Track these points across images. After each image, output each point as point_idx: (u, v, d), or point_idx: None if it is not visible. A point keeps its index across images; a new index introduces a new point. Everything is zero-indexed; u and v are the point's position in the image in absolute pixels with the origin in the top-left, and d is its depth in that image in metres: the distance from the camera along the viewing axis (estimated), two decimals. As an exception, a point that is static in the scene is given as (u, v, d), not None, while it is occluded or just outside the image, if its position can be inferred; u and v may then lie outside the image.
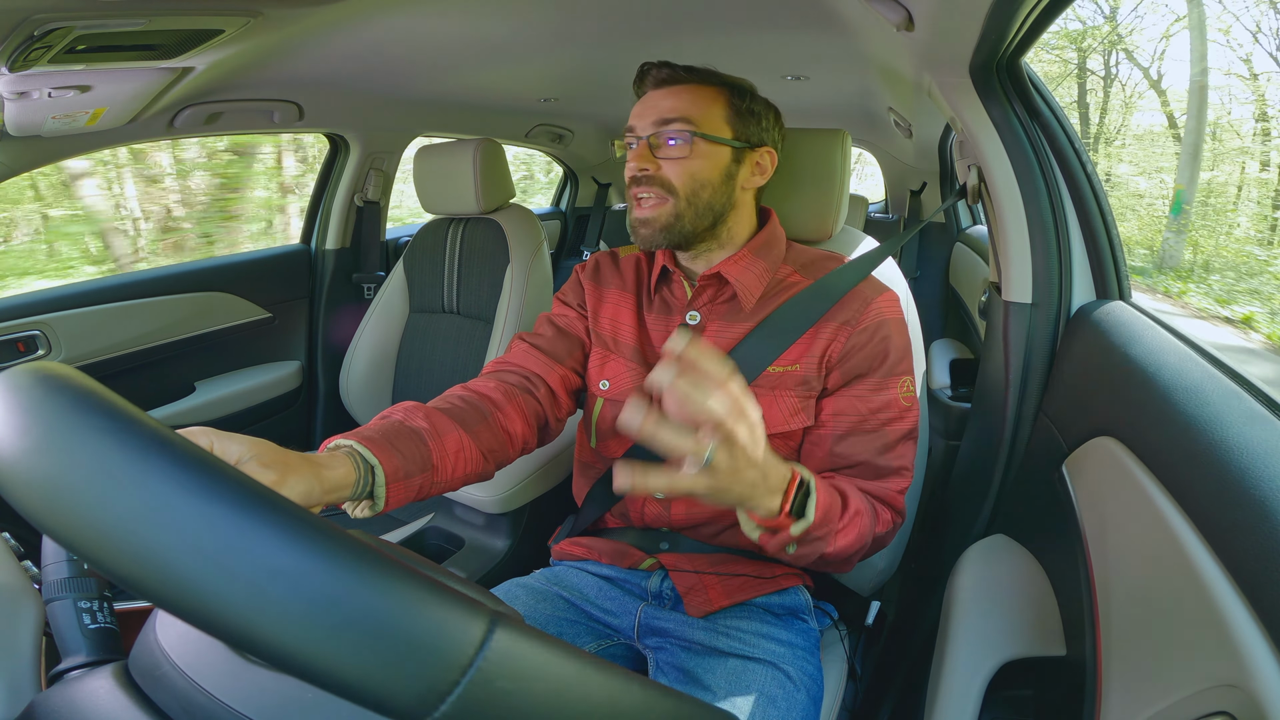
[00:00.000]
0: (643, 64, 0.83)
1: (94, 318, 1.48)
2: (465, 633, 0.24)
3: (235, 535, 0.23)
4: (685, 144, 0.79)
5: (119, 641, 0.46)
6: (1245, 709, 0.40)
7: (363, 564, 0.24)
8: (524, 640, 0.25)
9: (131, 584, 0.23)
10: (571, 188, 3.22)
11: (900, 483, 0.79)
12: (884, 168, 3.39)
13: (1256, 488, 0.46)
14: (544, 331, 0.91)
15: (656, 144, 0.80)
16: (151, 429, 0.25)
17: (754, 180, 0.84)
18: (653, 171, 0.79)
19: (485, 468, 0.78)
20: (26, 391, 0.25)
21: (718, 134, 0.80)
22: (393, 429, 0.68)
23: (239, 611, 0.22)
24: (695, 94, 0.80)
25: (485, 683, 0.24)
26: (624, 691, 0.27)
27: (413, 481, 0.68)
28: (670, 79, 0.82)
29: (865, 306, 0.80)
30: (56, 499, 0.23)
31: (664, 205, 0.80)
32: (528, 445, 0.85)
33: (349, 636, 0.23)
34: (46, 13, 0.81)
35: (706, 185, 0.80)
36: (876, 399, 0.78)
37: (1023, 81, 0.93)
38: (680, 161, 0.79)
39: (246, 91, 1.45)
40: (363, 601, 0.23)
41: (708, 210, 0.81)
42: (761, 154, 0.84)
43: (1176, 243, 6.91)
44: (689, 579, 0.84)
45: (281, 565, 0.23)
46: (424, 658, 0.23)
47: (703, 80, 0.82)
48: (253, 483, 0.25)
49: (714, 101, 0.81)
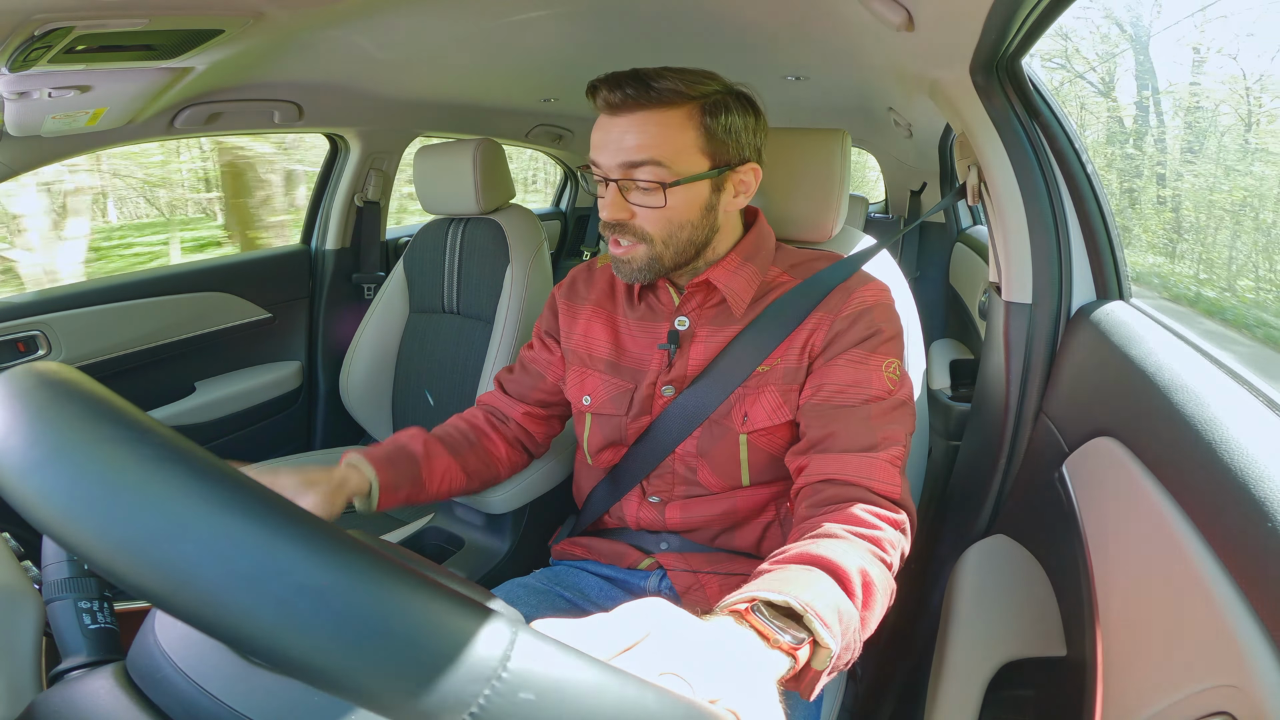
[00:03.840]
0: (591, 82, 0.72)
1: (94, 318, 1.48)
2: (488, 644, 0.24)
3: (260, 550, 0.23)
4: (655, 192, 0.72)
5: (119, 642, 0.46)
6: (1245, 709, 0.40)
7: (385, 576, 0.24)
8: (545, 650, 0.25)
9: (156, 600, 0.23)
10: (571, 188, 3.22)
11: (890, 453, 0.70)
12: (884, 168, 3.39)
13: (1256, 488, 0.46)
14: (513, 368, 0.99)
15: (626, 187, 0.73)
16: (173, 441, 0.25)
17: (737, 202, 0.79)
18: (626, 220, 0.74)
19: (470, 485, 0.92)
20: (27, 391, 0.25)
21: (692, 170, 0.72)
22: (396, 451, 0.85)
23: (263, 625, 0.23)
24: (661, 123, 0.70)
25: (509, 694, 0.24)
26: (639, 699, 0.27)
27: (400, 492, 0.84)
28: (626, 105, 0.70)
29: (848, 296, 0.78)
30: (58, 502, 0.23)
31: (638, 248, 0.76)
32: (515, 465, 0.98)
33: (373, 649, 0.23)
34: (46, 13, 0.81)
35: (684, 226, 0.75)
36: (856, 372, 0.74)
37: (1023, 81, 0.93)
38: (652, 210, 0.73)
39: (246, 91, 1.44)
40: (387, 614, 0.23)
41: (689, 246, 0.77)
42: (743, 172, 0.77)
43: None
44: (687, 579, 0.84)
45: (306, 580, 0.23)
46: (448, 669, 0.23)
47: (666, 101, 0.70)
48: (275, 496, 0.25)
49: (683, 128, 0.71)
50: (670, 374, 0.83)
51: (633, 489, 0.87)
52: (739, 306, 0.81)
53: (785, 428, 0.79)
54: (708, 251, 0.80)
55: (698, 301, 0.83)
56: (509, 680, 0.24)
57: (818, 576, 0.52)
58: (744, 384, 0.79)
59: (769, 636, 0.45)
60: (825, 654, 0.47)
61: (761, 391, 0.78)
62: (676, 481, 0.85)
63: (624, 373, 0.86)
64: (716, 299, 0.83)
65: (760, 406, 0.78)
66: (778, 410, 0.78)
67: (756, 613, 0.46)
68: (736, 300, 0.81)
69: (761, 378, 0.79)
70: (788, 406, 0.78)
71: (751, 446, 0.80)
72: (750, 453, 0.80)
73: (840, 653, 0.49)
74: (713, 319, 0.83)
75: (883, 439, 0.71)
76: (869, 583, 0.55)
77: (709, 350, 0.82)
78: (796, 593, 0.48)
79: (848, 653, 0.51)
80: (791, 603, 0.47)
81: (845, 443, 0.71)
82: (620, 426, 0.86)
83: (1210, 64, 3.66)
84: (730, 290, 0.81)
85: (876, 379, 0.74)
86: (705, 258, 0.81)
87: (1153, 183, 3.81)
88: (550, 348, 0.95)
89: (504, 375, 0.99)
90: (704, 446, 0.82)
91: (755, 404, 0.79)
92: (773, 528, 0.84)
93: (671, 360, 0.83)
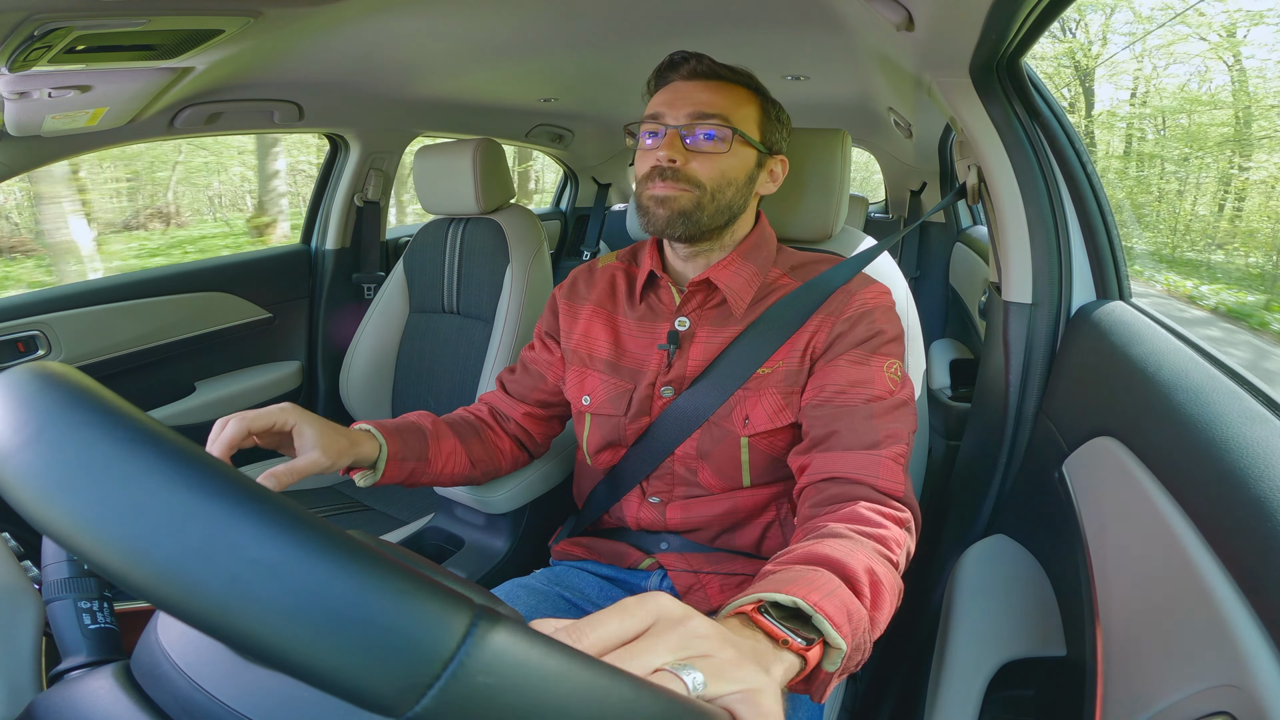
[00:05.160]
0: (675, 52, 0.80)
1: (94, 318, 1.48)
2: (447, 626, 0.24)
3: (214, 524, 0.23)
4: (723, 140, 0.77)
5: (119, 641, 0.46)
6: (1245, 709, 0.40)
7: (343, 554, 0.24)
8: (509, 635, 0.25)
9: (114, 574, 0.23)
10: (571, 188, 3.22)
11: (893, 450, 0.70)
12: (884, 168, 3.39)
13: (1256, 488, 0.46)
14: (515, 369, 0.99)
15: (689, 134, 0.77)
16: (131, 419, 0.25)
17: (767, 186, 0.84)
18: (680, 165, 0.76)
19: (472, 473, 0.92)
20: (27, 391, 0.26)
21: (752, 135, 0.79)
22: (405, 425, 0.86)
23: (217, 601, 0.22)
24: (732, 93, 0.79)
25: (467, 677, 0.23)
26: (612, 688, 0.27)
27: (406, 464, 0.83)
28: (708, 73, 0.79)
29: (849, 298, 0.78)
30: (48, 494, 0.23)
31: (687, 193, 0.76)
32: (518, 460, 0.99)
33: (328, 628, 0.23)
34: (46, 13, 0.81)
35: (732, 184, 0.78)
36: (858, 372, 0.74)
37: (1023, 81, 0.93)
38: (713, 157, 0.76)
39: (246, 91, 1.45)
40: (342, 592, 0.23)
41: (727, 209, 0.79)
42: (777, 162, 0.84)
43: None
44: (688, 579, 0.84)
45: (260, 555, 0.23)
46: (404, 651, 0.23)
47: (739, 81, 0.80)
48: (233, 472, 0.25)
49: (749, 103, 0.80)
50: (669, 375, 0.83)
51: (632, 489, 0.87)
52: (739, 307, 0.81)
53: (787, 430, 0.79)
54: (728, 234, 0.82)
55: (698, 301, 0.83)
56: (466, 662, 0.23)
57: (825, 577, 0.51)
58: (745, 386, 0.79)
59: (779, 637, 0.44)
60: (836, 655, 0.47)
61: (763, 394, 0.78)
62: (676, 482, 0.85)
63: (623, 373, 0.86)
64: (717, 299, 0.83)
65: (761, 409, 0.78)
66: (779, 413, 0.78)
67: (765, 614, 0.45)
68: (736, 300, 0.81)
69: (762, 380, 0.79)
70: (790, 409, 0.78)
71: (752, 448, 0.80)
72: (751, 454, 0.80)
73: (850, 653, 0.48)
74: (713, 320, 0.83)
75: (885, 436, 0.70)
76: (877, 582, 0.55)
77: (709, 351, 0.82)
78: (804, 593, 0.47)
79: (858, 653, 0.50)
80: (800, 603, 0.46)
81: (848, 441, 0.71)
82: (619, 427, 0.86)
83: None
84: (730, 289, 0.81)
85: (878, 379, 0.74)
86: (723, 240, 0.83)
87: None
88: (551, 348, 0.95)
89: (506, 375, 1.00)
90: (704, 448, 0.81)
91: (756, 406, 0.78)
92: (773, 527, 0.84)
93: (671, 361, 0.83)
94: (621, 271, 0.91)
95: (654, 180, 0.77)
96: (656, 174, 0.77)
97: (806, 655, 0.44)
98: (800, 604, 0.46)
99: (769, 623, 0.45)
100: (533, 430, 0.98)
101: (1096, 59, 8.54)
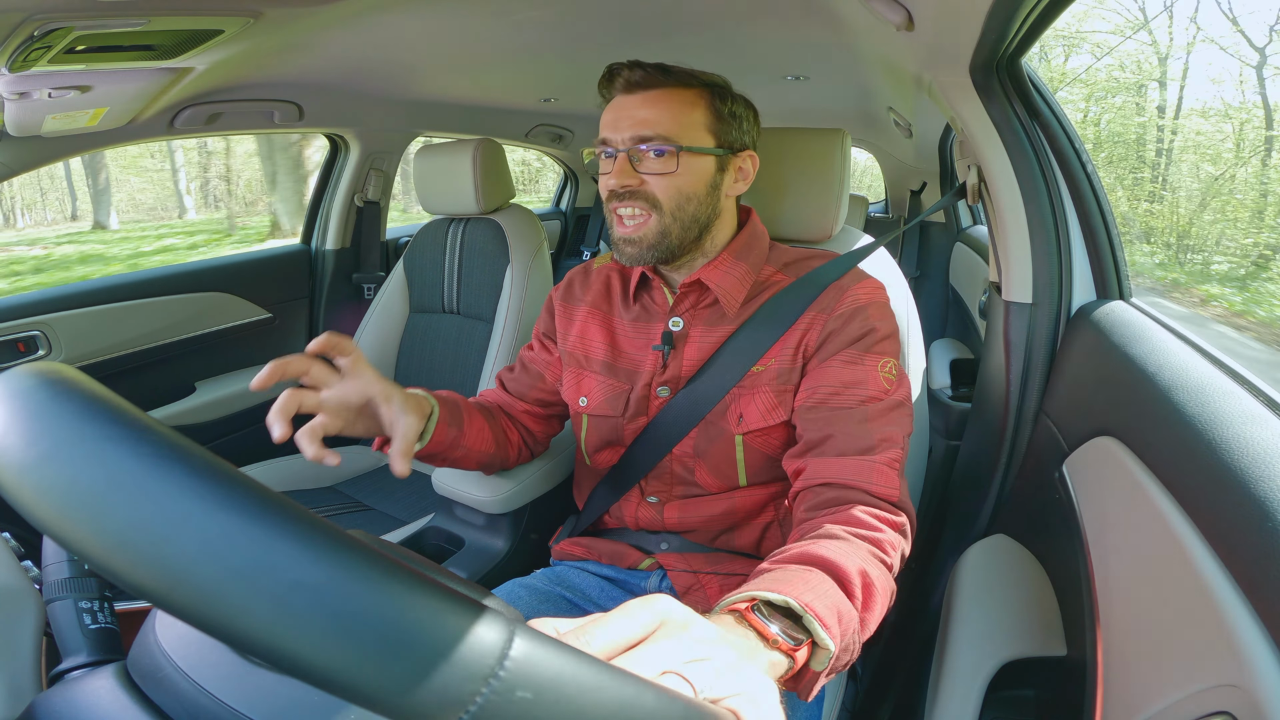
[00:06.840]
0: (609, 66, 0.77)
1: (94, 318, 1.48)
2: (485, 642, 0.24)
3: (255, 546, 0.23)
4: (669, 158, 0.74)
5: (119, 641, 0.46)
6: (1245, 709, 0.40)
7: (382, 573, 0.24)
8: (542, 648, 0.25)
9: (150, 596, 0.23)
10: (571, 188, 3.22)
11: (887, 455, 0.70)
12: (884, 168, 3.39)
13: (1256, 487, 0.46)
14: (514, 367, 1.00)
15: (637, 157, 0.76)
16: (170, 439, 0.25)
17: (737, 187, 0.81)
18: (635, 186, 0.75)
19: (495, 455, 0.92)
20: (27, 392, 0.25)
21: (701, 144, 0.76)
22: (446, 395, 0.86)
23: (260, 623, 0.22)
24: (674, 100, 0.75)
25: (506, 692, 0.24)
26: (637, 697, 0.27)
27: (450, 432, 0.83)
28: (645, 82, 0.76)
29: (841, 294, 0.77)
30: (56, 501, 0.23)
31: (648, 222, 0.76)
32: (522, 454, 0.99)
33: (369, 646, 0.23)
34: (46, 13, 0.81)
35: (692, 199, 0.76)
36: (851, 372, 0.73)
37: (1023, 81, 0.93)
38: (664, 177, 0.75)
39: (246, 92, 1.45)
40: (383, 611, 0.23)
41: (693, 224, 0.78)
42: (743, 159, 0.81)
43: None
44: (687, 579, 0.84)
45: (302, 576, 0.23)
46: (445, 667, 0.23)
47: (680, 82, 0.76)
48: (272, 494, 0.25)
49: (694, 107, 0.76)
50: (665, 375, 0.83)
51: (631, 489, 0.87)
52: (731, 306, 0.81)
53: (780, 429, 0.79)
54: (706, 241, 0.81)
55: (691, 301, 0.83)
56: (505, 679, 0.24)
57: (818, 577, 0.52)
58: (739, 384, 0.79)
59: (768, 636, 0.45)
60: (824, 655, 0.47)
61: (756, 392, 0.78)
62: (674, 482, 0.85)
63: (620, 374, 0.86)
64: (710, 299, 0.83)
65: (755, 407, 0.78)
66: (772, 411, 0.78)
67: (756, 612, 0.46)
68: (729, 299, 0.81)
69: (755, 378, 0.78)
70: (782, 408, 0.78)
71: (747, 447, 0.80)
72: (746, 453, 0.80)
73: (839, 654, 0.48)
74: (706, 319, 0.83)
75: (880, 441, 0.70)
76: (869, 584, 0.55)
77: (703, 350, 0.82)
78: (796, 593, 0.48)
79: (846, 654, 0.51)
80: (791, 603, 0.47)
81: (842, 446, 0.70)
82: (617, 428, 0.86)
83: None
84: (722, 289, 0.81)
85: (873, 379, 0.73)
86: (703, 249, 0.82)
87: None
88: (549, 349, 0.95)
89: (505, 374, 1.00)
90: (700, 447, 0.82)
91: (750, 404, 0.78)
92: (772, 528, 0.84)
93: (666, 361, 0.83)
94: (616, 273, 0.91)
95: (614, 202, 0.77)
96: (614, 197, 0.77)
97: (794, 655, 0.46)
98: (791, 603, 0.47)
99: (760, 621, 0.46)
100: (533, 428, 0.98)
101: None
